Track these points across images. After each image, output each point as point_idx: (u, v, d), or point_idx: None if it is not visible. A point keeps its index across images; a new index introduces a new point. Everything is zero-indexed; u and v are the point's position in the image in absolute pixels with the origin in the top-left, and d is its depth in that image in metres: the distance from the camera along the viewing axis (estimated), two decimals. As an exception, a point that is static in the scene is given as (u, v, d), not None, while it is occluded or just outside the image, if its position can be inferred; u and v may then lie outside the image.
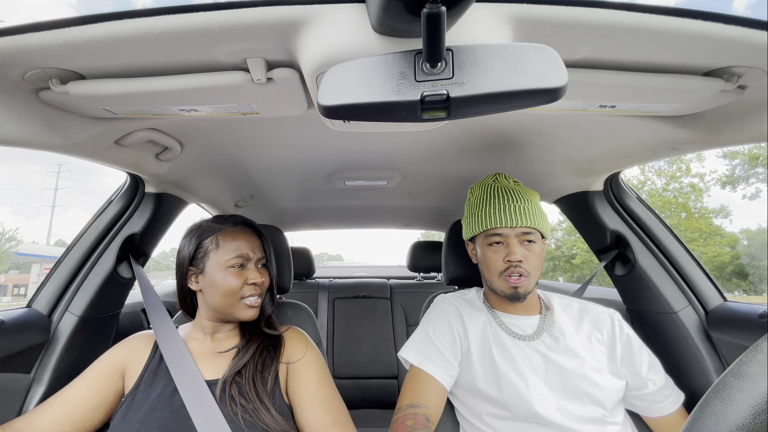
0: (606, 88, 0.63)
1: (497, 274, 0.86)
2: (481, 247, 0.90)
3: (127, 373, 0.81)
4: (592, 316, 0.89)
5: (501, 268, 0.85)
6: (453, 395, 0.91)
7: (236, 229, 0.87)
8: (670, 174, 15.50)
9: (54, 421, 0.74)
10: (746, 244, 12.91)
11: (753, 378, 0.31)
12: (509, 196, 0.88)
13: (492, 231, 0.87)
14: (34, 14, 2.72)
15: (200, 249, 0.84)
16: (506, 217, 0.85)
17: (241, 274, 0.83)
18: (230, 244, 0.84)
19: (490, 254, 0.87)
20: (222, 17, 0.49)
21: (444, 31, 0.38)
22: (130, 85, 0.61)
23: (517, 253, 0.83)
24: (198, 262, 0.84)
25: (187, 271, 0.85)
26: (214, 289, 0.82)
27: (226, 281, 0.81)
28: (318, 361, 0.87)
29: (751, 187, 14.10)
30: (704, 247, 13.42)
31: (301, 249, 2.23)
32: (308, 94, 0.66)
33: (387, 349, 2.09)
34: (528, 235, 0.85)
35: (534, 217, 0.86)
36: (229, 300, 0.82)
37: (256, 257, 0.86)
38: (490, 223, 0.86)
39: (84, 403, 0.76)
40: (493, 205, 0.88)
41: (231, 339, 0.87)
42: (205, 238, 0.85)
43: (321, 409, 0.79)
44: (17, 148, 0.68)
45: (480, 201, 0.92)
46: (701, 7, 0.51)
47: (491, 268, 0.87)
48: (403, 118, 0.45)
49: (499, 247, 0.86)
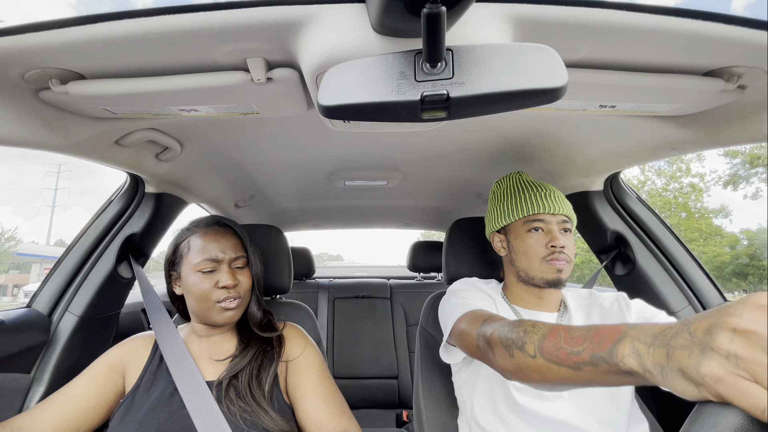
0: (606, 88, 0.63)
1: (539, 260, 0.83)
2: (516, 235, 0.87)
3: (127, 373, 0.81)
4: (599, 303, 0.88)
5: (543, 253, 0.83)
6: (462, 393, 0.88)
7: (207, 231, 0.84)
8: (670, 174, 15.50)
9: (54, 419, 0.74)
10: (746, 244, 12.91)
11: None
12: (542, 186, 0.88)
13: (533, 217, 0.85)
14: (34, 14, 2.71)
15: (176, 253, 0.84)
16: (547, 203, 0.85)
17: (211, 277, 0.80)
18: (199, 246, 0.81)
19: (531, 240, 0.84)
20: (222, 17, 0.48)
21: (444, 31, 0.38)
22: (130, 85, 0.61)
23: (560, 239, 0.82)
24: (176, 266, 0.84)
25: (170, 275, 0.85)
26: (188, 294, 0.81)
27: (196, 286, 0.79)
28: (317, 357, 0.87)
29: (751, 186, 14.12)
30: (704, 247, 13.42)
31: (301, 249, 2.23)
32: (308, 94, 0.66)
33: (387, 349, 2.09)
34: (566, 223, 0.85)
35: (569, 207, 0.87)
36: (203, 304, 0.80)
37: (228, 258, 0.82)
38: (531, 209, 0.85)
39: (84, 402, 0.76)
40: (531, 192, 0.87)
41: (227, 343, 0.86)
42: (180, 241, 0.85)
43: (324, 403, 0.79)
44: (17, 148, 0.68)
45: (513, 190, 0.90)
46: (701, 7, 0.51)
47: (531, 253, 0.84)
48: (403, 118, 0.45)
49: (539, 234, 0.84)
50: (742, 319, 0.32)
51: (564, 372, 0.48)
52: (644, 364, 0.38)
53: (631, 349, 0.40)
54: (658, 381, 0.37)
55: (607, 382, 0.44)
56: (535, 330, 0.55)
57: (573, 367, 0.47)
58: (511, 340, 0.57)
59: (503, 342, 0.58)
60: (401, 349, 2.11)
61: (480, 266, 1.09)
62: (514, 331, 0.57)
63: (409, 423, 1.86)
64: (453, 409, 0.93)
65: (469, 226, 1.12)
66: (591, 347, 0.45)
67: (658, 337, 0.38)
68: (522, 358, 0.54)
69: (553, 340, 0.51)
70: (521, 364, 0.54)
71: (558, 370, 0.49)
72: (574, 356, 0.47)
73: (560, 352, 0.49)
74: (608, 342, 0.43)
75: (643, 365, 0.38)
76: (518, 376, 0.56)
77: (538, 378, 0.52)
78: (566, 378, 0.48)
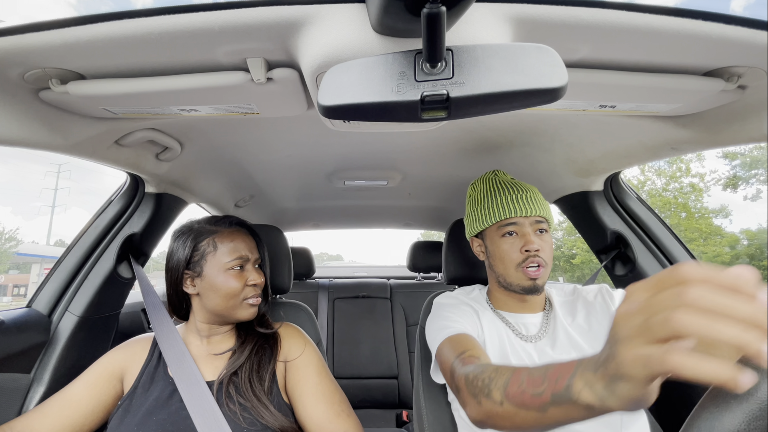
0: (606, 88, 0.63)
1: (514, 267, 0.82)
2: (492, 241, 0.87)
3: (125, 376, 0.82)
4: (583, 297, 0.88)
5: (518, 259, 0.82)
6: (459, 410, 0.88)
7: (233, 231, 0.86)
8: (670, 174, 15.50)
9: (54, 423, 0.74)
10: (746, 244, 12.90)
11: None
12: (516, 187, 0.87)
13: (506, 221, 0.84)
14: (34, 14, 2.71)
15: (197, 252, 0.83)
16: (519, 206, 0.84)
17: (242, 275, 0.82)
18: (229, 245, 0.82)
19: (505, 246, 0.83)
20: (222, 17, 0.48)
21: (444, 31, 0.38)
22: (130, 85, 0.61)
23: (534, 242, 0.81)
24: (195, 265, 0.82)
25: (183, 275, 0.83)
26: (214, 292, 0.81)
27: (228, 284, 0.80)
28: (316, 356, 0.87)
29: (751, 187, 14.12)
30: (704, 247, 13.42)
31: (301, 249, 2.23)
32: (308, 94, 0.66)
33: (387, 349, 2.09)
34: (540, 224, 0.84)
35: (544, 207, 0.85)
36: (230, 302, 0.81)
37: (253, 258, 0.86)
38: (503, 213, 0.84)
39: (83, 406, 0.76)
40: (503, 195, 0.86)
41: (227, 341, 0.87)
42: (201, 240, 0.83)
43: (323, 403, 0.79)
44: (17, 148, 0.68)
45: (487, 194, 0.90)
46: (701, 7, 0.51)
47: (506, 260, 0.83)
48: (403, 118, 0.45)
49: (514, 238, 0.83)
50: (623, 306, 0.36)
51: (531, 416, 0.48)
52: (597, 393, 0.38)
53: (583, 382, 0.40)
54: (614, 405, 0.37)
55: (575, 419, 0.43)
56: (498, 375, 0.55)
57: (539, 409, 0.46)
58: (478, 388, 0.57)
59: (471, 391, 0.59)
60: (401, 349, 2.11)
61: (480, 266, 1.09)
62: (479, 378, 0.58)
63: (409, 423, 1.87)
64: (449, 407, 0.93)
65: (469, 226, 1.12)
66: (550, 386, 0.45)
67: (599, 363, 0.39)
68: (489, 405, 0.54)
69: (516, 384, 0.51)
70: (490, 411, 0.54)
71: (526, 415, 0.49)
72: (537, 398, 0.46)
73: (524, 396, 0.48)
74: (563, 379, 0.43)
75: (597, 394, 0.38)
76: (489, 424, 0.56)
77: (508, 425, 0.52)
78: (534, 421, 0.48)
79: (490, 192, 0.89)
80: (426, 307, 1.09)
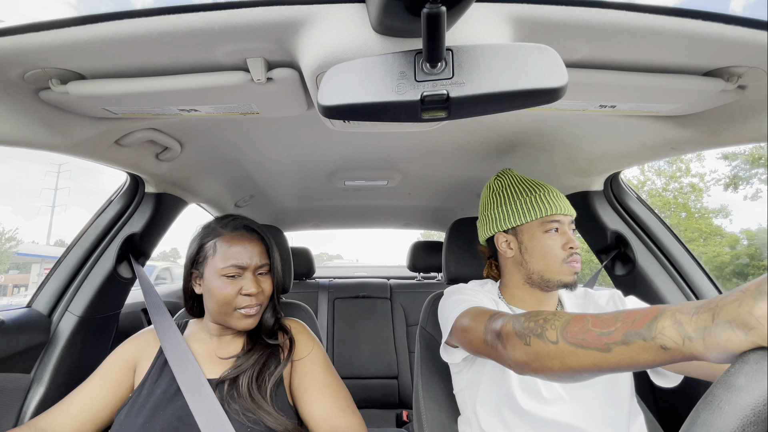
0: (606, 88, 0.63)
1: (559, 262, 0.81)
2: (531, 236, 0.85)
3: (138, 367, 0.82)
4: (594, 302, 0.88)
5: (563, 255, 0.81)
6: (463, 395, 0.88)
7: (235, 235, 0.82)
8: (670, 174, 15.49)
9: (75, 419, 0.75)
10: (746, 244, 12.90)
11: (741, 389, 0.31)
12: (547, 185, 0.87)
13: (550, 217, 0.83)
14: (34, 14, 2.71)
15: (201, 252, 0.82)
16: (561, 204, 0.84)
17: (235, 283, 0.79)
18: (226, 251, 0.79)
19: (550, 242, 0.82)
20: (222, 17, 0.48)
21: (444, 31, 0.38)
22: (130, 85, 0.61)
23: (575, 240, 0.82)
24: (199, 265, 0.83)
25: (191, 273, 0.84)
26: (209, 296, 0.80)
27: (219, 290, 0.78)
28: (321, 353, 0.88)
29: (752, 188, 14.11)
30: (704, 247, 13.41)
31: (301, 249, 2.23)
32: (308, 94, 0.66)
33: (387, 349, 2.09)
34: (572, 224, 0.85)
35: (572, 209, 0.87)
36: (223, 309, 0.79)
37: (254, 265, 0.81)
38: (548, 209, 0.83)
39: (102, 401, 0.77)
40: (542, 192, 0.85)
41: (236, 344, 0.86)
42: (206, 241, 0.83)
43: (329, 397, 0.79)
44: (17, 148, 0.68)
45: (520, 189, 0.88)
46: (701, 7, 0.51)
47: (550, 255, 0.82)
48: (403, 118, 0.45)
49: (556, 234, 0.83)
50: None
51: (590, 356, 0.47)
52: (685, 332, 0.39)
53: (672, 320, 0.40)
54: (696, 347, 0.38)
55: (638, 363, 0.43)
56: (556, 318, 0.54)
57: (602, 349, 0.45)
58: (529, 329, 0.55)
59: (518, 332, 0.57)
60: (401, 349, 2.11)
61: (480, 266, 1.09)
62: (531, 320, 0.56)
63: (409, 423, 1.86)
64: (453, 409, 0.93)
65: (469, 226, 1.12)
66: (624, 326, 0.44)
67: (701, 307, 0.39)
68: (541, 345, 0.52)
69: (578, 325, 0.50)
70: (539, 351, 0.52)
71: (583, 354, 0.48)
72: (604, 337, 0.45)
73: (588, 335, 0.47)
74: (645, 319, 0.43)
75: (683, 333, 0.39)
76: (534, 366, 0.54)
77: (558, 365, 0.51)
78: (591, 363, 0.47)
79: (524, 188, 0.87)
80: (426, 307, 1.09)
